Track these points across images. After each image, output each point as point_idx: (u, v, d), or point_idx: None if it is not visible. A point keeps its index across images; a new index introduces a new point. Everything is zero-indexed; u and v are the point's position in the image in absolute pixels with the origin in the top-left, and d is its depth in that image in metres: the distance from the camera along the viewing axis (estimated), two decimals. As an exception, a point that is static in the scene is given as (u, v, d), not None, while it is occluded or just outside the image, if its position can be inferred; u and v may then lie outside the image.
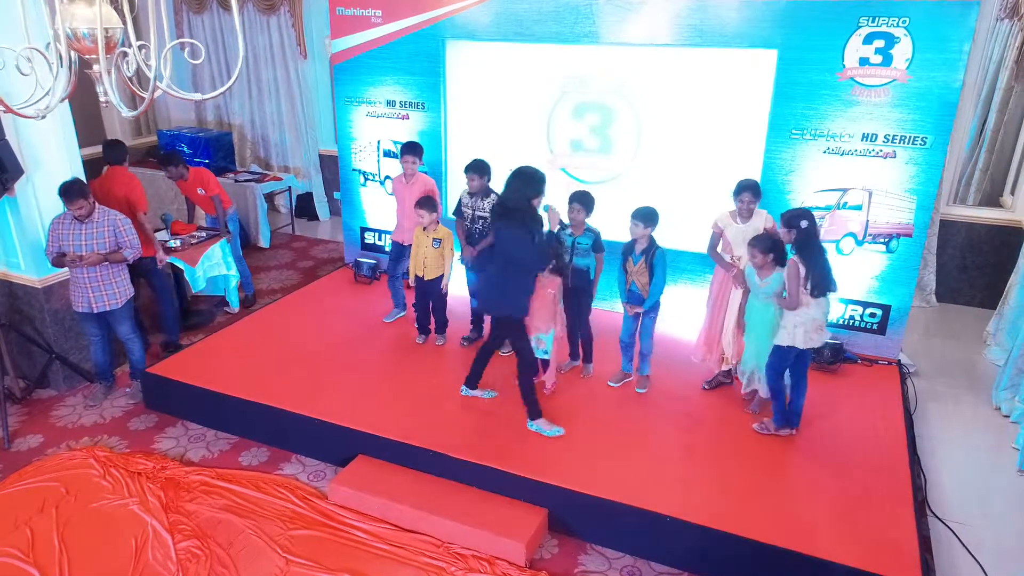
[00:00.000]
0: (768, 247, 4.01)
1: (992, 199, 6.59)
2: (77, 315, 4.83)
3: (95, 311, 4.71)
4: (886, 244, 4.85)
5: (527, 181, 4.07)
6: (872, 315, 5.04)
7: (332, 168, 8.99)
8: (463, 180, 4.98)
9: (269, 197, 8.73)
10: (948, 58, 4.36)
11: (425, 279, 5.05)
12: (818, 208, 4.85)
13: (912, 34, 4.39)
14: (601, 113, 5.44)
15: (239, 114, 9.05)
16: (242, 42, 1.99)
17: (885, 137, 4.65)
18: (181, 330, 5.88)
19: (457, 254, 5.15)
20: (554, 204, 4.42)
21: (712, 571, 3.52)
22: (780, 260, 4.02)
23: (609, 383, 4.77)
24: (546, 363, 4.64)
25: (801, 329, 3.95)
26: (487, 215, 4.91)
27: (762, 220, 4.43)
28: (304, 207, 9.07)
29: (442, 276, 5.07)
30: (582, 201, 4.55)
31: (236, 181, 7.89)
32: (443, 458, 4.02)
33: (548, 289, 4.44)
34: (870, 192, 4.77)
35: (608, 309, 5.43)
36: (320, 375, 4.82)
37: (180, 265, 5.69)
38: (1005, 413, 4.88)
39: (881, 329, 5.03)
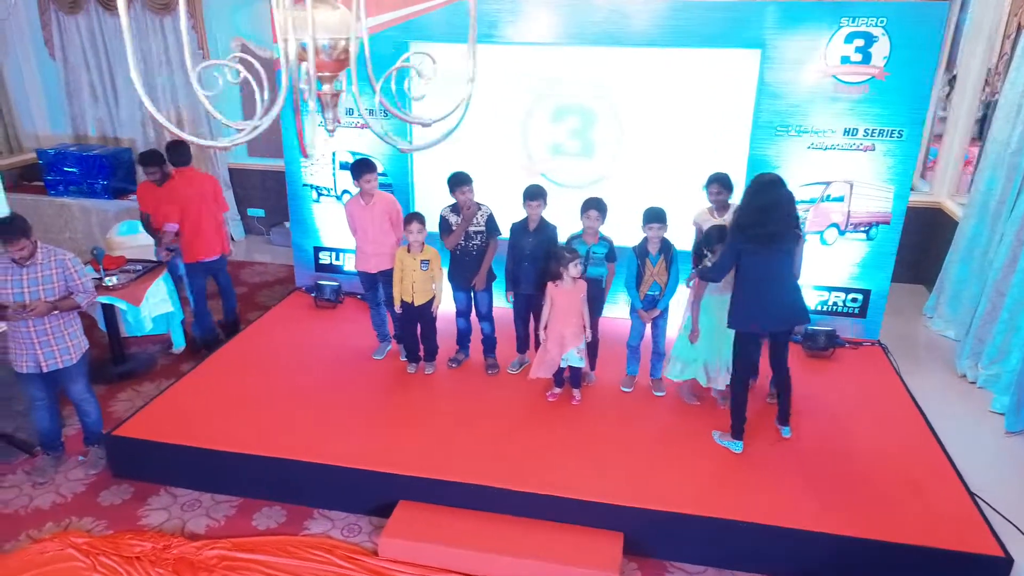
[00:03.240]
0: (723, 237, 4.00)
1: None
2: (16, 377, 4.03)
3: (44, 370, 3.95)
4: (866, 232, 5.12)
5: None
6: (854, 300, 5.32)
7: (245, 183, 8.24)
8: (434, 194, 4.64)
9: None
10: (921, 55, 4.66)
11: (415, 305, 4.69)
12: (803, 202, 5.03)
13: (889, 33, 4.65)
14: (581, 116, 5.32)
15: (129, 127, 8.03)
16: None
17: (865, 131, 4.90)
18: (115, 379, 5.12)
19: (444, 271, 4.81)
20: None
21: (797, 571, 3.52)
22: None
23: (624, 389, 4.69)
24: (576, 374, 4.48)
25: None
26: (483, 229, 4.64)
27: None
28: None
29: (431, 300, 4.72)
30: (599, 208, 4.42)
31: (144, 203, 6.98)
32: (499, 492, 3.74)
33: (579, 295, 4.27)
34: (851, 184, 5.01)
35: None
36: (322, 417, 4.35)
37: (122, 305, 4.92)
38: (971, 380, 5.32)
39: (863, 312, 5.32)
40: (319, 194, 5.92)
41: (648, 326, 4.54)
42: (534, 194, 4.51)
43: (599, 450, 4.05)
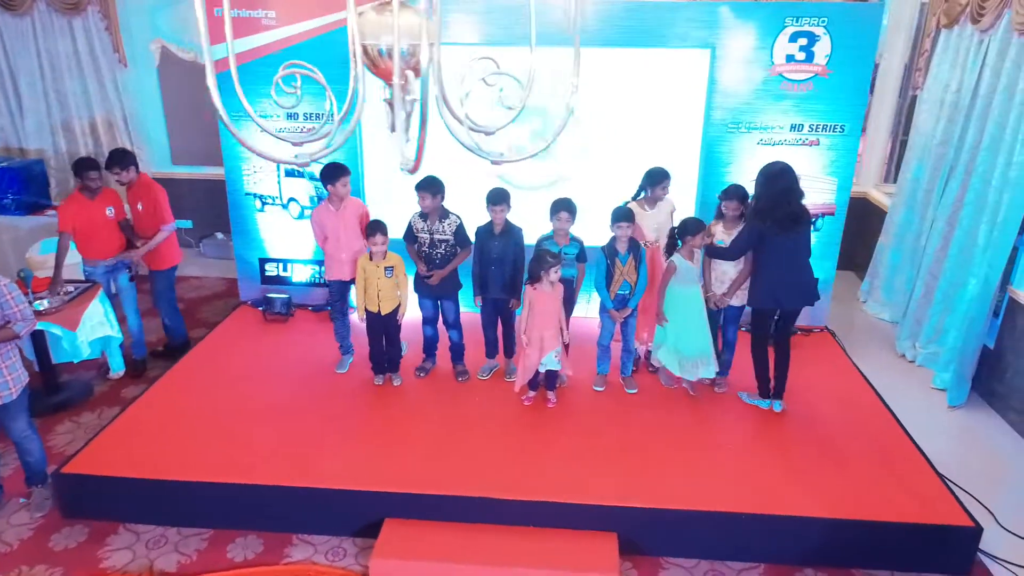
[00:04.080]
0: (699, 229, 4.29)
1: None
2: (-53, 417, 3.65)
3: (-19, 408, 3.59)
4: (813, 224, 5.32)
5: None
6: (803, 288, 5.52)
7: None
8: (387, 200, 4.55)
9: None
10: (860, 54, 4.89)
11: (382, 314, 4.54)
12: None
13: (831, 32, 4.85)
14: (541, 116, 5.29)
15: (36, 137, 7.42)
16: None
17: (810, 127, 5.10)
18: (50, 410, 4.73)
19: (409, 279, 4.68)
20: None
21: (788, 556, 3.62)
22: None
23: (596, 388, 4.70)
24: (552, 377, 4.45)
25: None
26: (449, 238, 4.54)
27: (669, 206, 4.73)
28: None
29: (398, 308, 4.60)
30: (569, 209, 4.41)
31: (63, 218, 6.47)
32: (488, 503, 3.66)
33: (558, 298, 4.26)
34: (799, 177, 5.19)
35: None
36: (290, 437, 4.14)
37: (57, 331, 4.53)
38: (910, 359, 5.64)
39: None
40: (263, 203, 5.65)
41: (618, 325, 4.57)
42: (497, 198, 4.45)
43: (582, 451, 4.04)
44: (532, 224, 4.64)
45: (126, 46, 7.09)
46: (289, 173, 5.52)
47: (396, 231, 4.58)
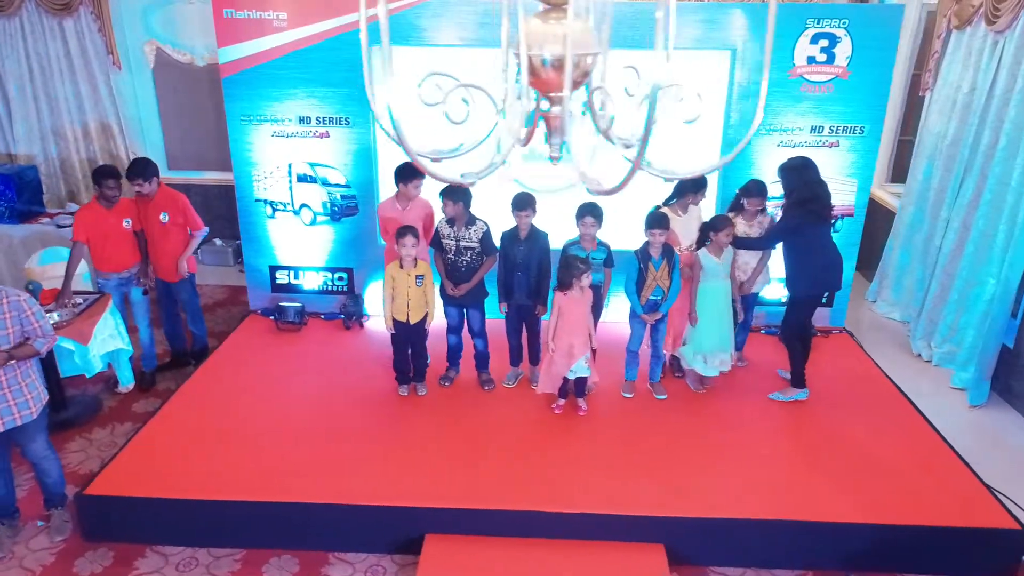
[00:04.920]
0: (726, 225, 4.37)
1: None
2: (-38, 440, 3.48)
3: (0, 429, 3.42)
4: (832, 225, 5.33)
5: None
6: (823, 290, 5.54)
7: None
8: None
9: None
10: (881, 55, 4.89)
11: (410, 323, 4.44)
12: (775, 199, 5.17)
13: (851, 34, 4.85)
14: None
15: (26, 143, 7.18)
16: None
17: (830, 129, 5.10)
18: (57, 427, 4.55)
19: (437, 287, 4.59)
20: None
21: (834, 563, 3.59)
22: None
23: (624, 395, 4.65)
24: (582, 384, 4.38)
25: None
26: (476, 245, 4.46)
27: (698, 211, 4.78)
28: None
29: (426, 317, 4.50)
30: (595, 214, 4.35)
31: (59, 227, 6.26)
32: (533, 516, 3.59)
33: (587, 304, 4.19)
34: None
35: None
36: (319, 451, 4.03)
37: (69, 345, 4.36)
38: (926, 359, 5.67)
39: (830, 302, 5.54)
40: (274, 209, 5.50)
41: (647, 330, 4.52)
42: (522, 203, 4.38)
43: (620, 461, 3.98)
44: (549, 228, 4.57)
45: (119, 48, 6.89)
46: (302, 179, 5.39)
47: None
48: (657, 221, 4.22)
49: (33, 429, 3.56)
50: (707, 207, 5.11)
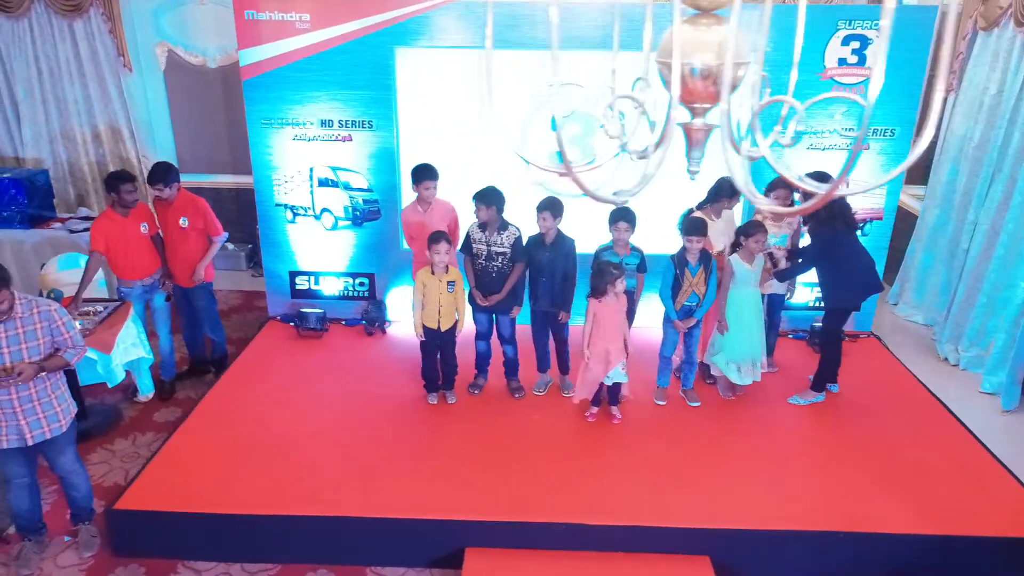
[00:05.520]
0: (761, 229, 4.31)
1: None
2: (-10, 454, 3.38)
3: (29, 443, 3.32)
4: (861, 228, 5.28)
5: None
6: (849, 294, 5.48)
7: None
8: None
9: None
10: (912, 57, 4.84)
11: (441, 330, 4.36)
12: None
13: (883, 36, 4.79)
14: (583, 122, 5.15)
15: (34, 146, 7.05)
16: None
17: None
18: (78, 438, 4.43)
19: (466, 293, 4.51)
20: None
21: (883, 574, 3.53)
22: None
23: (657, 402, 4.58)
24: (615, 392, 4.31)
25: None
26: (507, 251, 4.39)
27: (731, 214, 4.75)
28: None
29: (456, 324, 4.42)
30: (628, 219, 4.28)
31: (72, 232, 6.15)
32: (575, 528, 3.51)
33: (622, 310, 4.13)
34: (847, 183, 5.13)
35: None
36: (351, 462, 3.94)
37: (92, 355, 4.25)
38: (953, 363, 5.62)
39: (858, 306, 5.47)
40: (295, 214, 5.41)
41: (681, 336, 4.46)
42: (542, 206, 4.31)
43: (659, 470, 3.92)
44: (579, 233, 4.51)
45: (130, 50, 6.77)
46: (323, 183, 5.29)
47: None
48: (696, 227, 4.16)
49: (63, 442, 3.46)
50: (736, 210, 5.05)
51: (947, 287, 5.91)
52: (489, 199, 4.29)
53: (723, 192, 4.52)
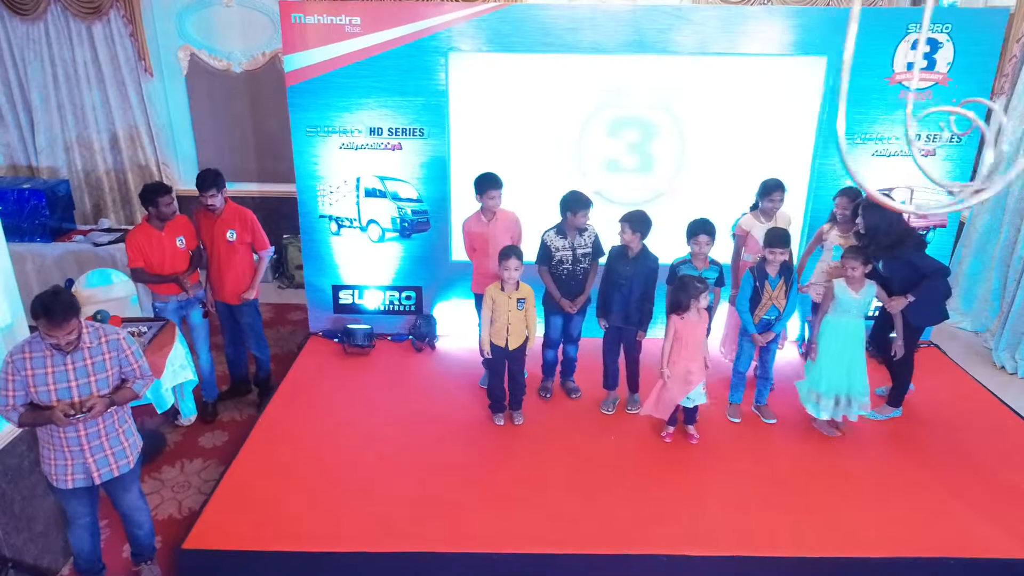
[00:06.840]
0: (867, 257, 4.02)
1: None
2: (53, 491, 3.14)
3: (97, 482, 3.09)
4: (924, 236, 5.15)
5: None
6: (912, 303, 5.36)
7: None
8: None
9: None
10: (982, 61, 4.73)
11: (509, 348, 4.17)
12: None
13: (953, 39, 4.68)
14: (641, 128, 4.98)
15: (49, 154, 6.76)
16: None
17: (927, 137, 4.92)
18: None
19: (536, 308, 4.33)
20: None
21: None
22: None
23: (732, 419, 4.42)
24: (692, 411, 4.14)
25: None
26: (590, 250, 4.28)
27: (785, 220, 4.60)
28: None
29: (526, 341, 4.23)
30: (708, 231, 4.12)
31: (96, 244, 5.87)
32: (677, 560, 3.34)
33: (704, 327, 3.96)
34: (912, 189, 5.02)
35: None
36: (426, 492, 3.73)
37: (143, 380, 4.01)
38: (1011, 371, 5.52)
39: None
40: (339, 226, 5.18)
41: (757, 350, 4.30)
42: (623, 218, 4.19)
43: (750, 495, 3.74)
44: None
45: (151, 54, 6.50)
46: (370, 193, 5.08)
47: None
48: (779, 239, 4.00)
49: (129, 479, 3.23)
50: (796, 219, 4.92)
51: (997, 294, 5.81)
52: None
53: (765, 191, 4.47)
